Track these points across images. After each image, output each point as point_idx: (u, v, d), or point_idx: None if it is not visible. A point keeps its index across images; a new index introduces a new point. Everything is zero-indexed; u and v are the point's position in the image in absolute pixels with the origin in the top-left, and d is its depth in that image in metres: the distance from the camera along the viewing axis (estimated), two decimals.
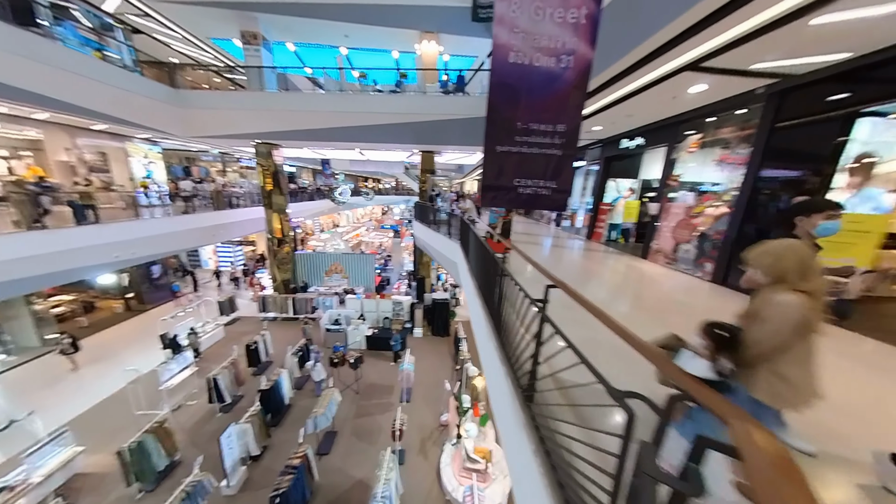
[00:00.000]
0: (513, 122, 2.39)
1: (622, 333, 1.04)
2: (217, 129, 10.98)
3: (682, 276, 5.62)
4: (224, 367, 7.77)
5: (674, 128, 6.09)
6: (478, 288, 3.94)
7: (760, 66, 3.59)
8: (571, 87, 2.34)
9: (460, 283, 6.17)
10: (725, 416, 0.67)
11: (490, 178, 2.49)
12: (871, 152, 3.63)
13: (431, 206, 10.49)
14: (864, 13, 2.49)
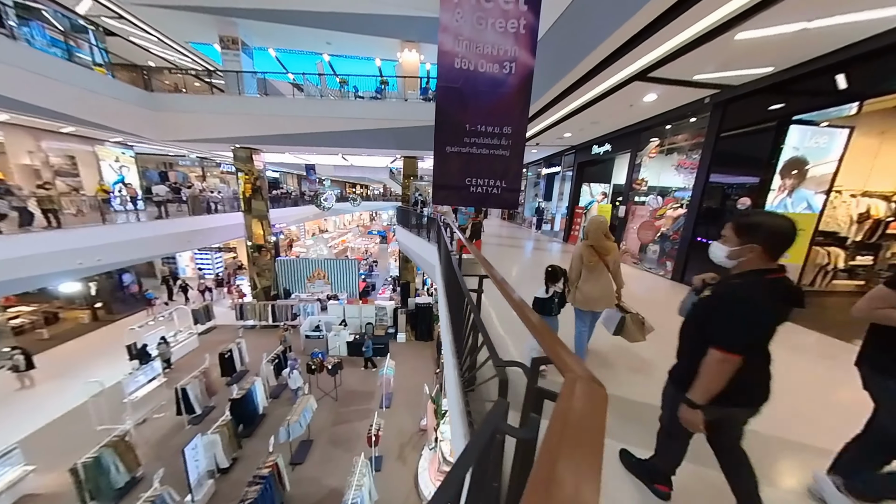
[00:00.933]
0: (461, 125, 2.50)
1: (516, 307, 1.12)
2: (193, 133, 10.79)
3: (646, 275, 5.86)
4: (194, 377, 7.49)
5: (636, 135, 6.43)
6: (444, 287, 4.01)
7: (702, 76, 3.89)
8: (515, 92, 2.48)
9: (437, 285, 6.23)
10: (563, 368, 0.76)
11: (441, 178, 2.59)
12: (801, 157, 3.96)
13: (413, 211, 10.57)
14: (776, 31, 2.76)
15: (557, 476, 0.44)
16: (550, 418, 0.58)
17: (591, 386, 0.69)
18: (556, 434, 0.53)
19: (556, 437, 0.53)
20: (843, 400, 2.32)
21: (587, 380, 0.71)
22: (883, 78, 3.02)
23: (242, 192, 12.88)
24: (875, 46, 2.89)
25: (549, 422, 0.57)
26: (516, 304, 1.21)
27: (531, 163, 13.64)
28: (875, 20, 2.57)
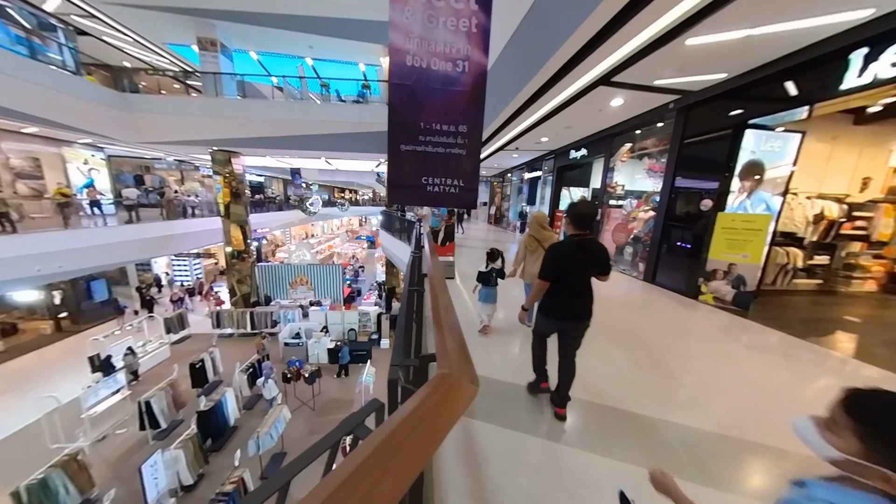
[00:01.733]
0: (415, 123, 2.46)
1: (438, 308, 1.08)
2: (167, 135, 10.48)
3: (620, 276, 5.93)
4: (160, 389, 7.10)
5: (609, 139, 6.58)
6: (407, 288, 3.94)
7: (661, 82, 4.00)
8: (469, 91, 2.47)
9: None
10: (440, 364, 0.71)
11: (396, 177, 2.54)
12: (757, 160, 4.11)
13: (396, 215, 10.49)
14: (723, 37, 2.87)
15: (346, 483, 0.38)
16: (388, 418, 0.52)
17: (458, 385, 0.64)
18: (377, 437, 0.47)
19: (376, 440, 0.47)
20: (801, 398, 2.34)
21: (456, 378, 0.65)
22: (828, 83, 3.16)
23: (222, 197, 12.54)
24: (819, 53, 3.03)
25: (385, 422, 0.51)
26: (440, 305, 1.16)
27: (514, 168, 13.81)
28: (813, 28, 2.70)
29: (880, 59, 2.65)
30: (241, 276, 13.23)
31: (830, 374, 2.59)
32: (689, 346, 2.97)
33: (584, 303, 2.01)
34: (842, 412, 0.67)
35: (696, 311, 4.13)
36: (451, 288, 4.50)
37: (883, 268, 5.06)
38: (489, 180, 17.95)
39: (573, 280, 2.00)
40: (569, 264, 2.01)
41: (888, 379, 2.56)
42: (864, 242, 4.97)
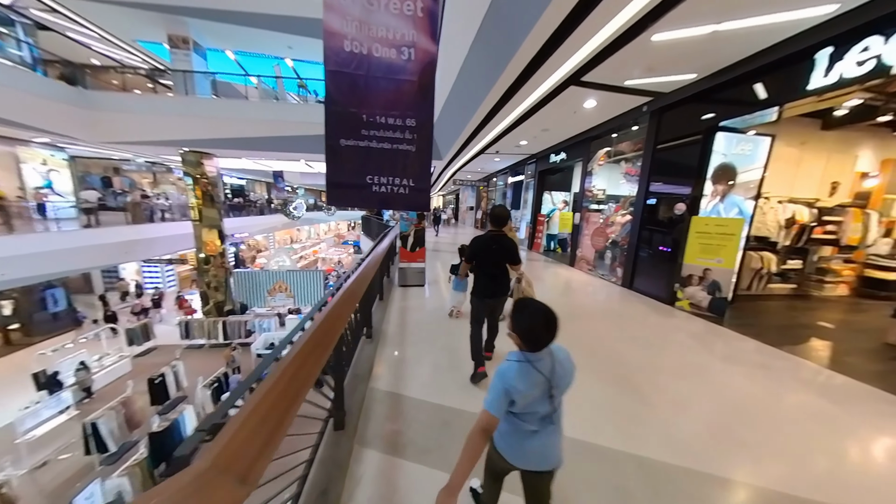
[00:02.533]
0: (357, 115, 2.22)
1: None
2: (133, 135, 9.93)
3: (598, 282, 5.80)
4: (110, 409, 6.50)
5: (587, 143, 6.51)
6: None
7: (632, 82, 3.90)
8: (417, 80, 2.25)
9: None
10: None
11: (336, 175, 2.28)
12: (729, 164, 4.04)
13: (376, 220, 10.19)
14: (689, 32, 2.75)
15: None
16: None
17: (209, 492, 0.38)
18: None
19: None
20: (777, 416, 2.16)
21: (210, 482, 0.39)
22: (795, 83, 3.10)
23: (193, 199, 11.96)
24: (785, 53, 2.96)
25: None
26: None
27: (499, 172, 13.75)
28: (777, 24, 2.61)
29: (845, 59, 2.58)
30: (216, 283, 12.58)
31: (805, 388, 2.44)
32: (662, 360, 2.78)
33: (499, 283, 2.51)
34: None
35: (672, 318, 3.98)
36: (417, 295, 4.38)
37: (853, 272, 5.08)
38: (475, 184, 17.88)
39: (489, 265, 2.51)
40: (484, 252, 2.51)
41: (862, 391, 2.43)
42: (835, 247, 4.99)
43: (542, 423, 1.03)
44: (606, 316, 3.97)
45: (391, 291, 4.54)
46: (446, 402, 2.01)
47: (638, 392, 2.25)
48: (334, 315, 1.51)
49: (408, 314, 3.64)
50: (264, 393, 0.82)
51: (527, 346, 1.04)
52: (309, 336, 1.19)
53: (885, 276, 5.07)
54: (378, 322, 3.26)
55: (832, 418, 2.08)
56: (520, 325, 1.04)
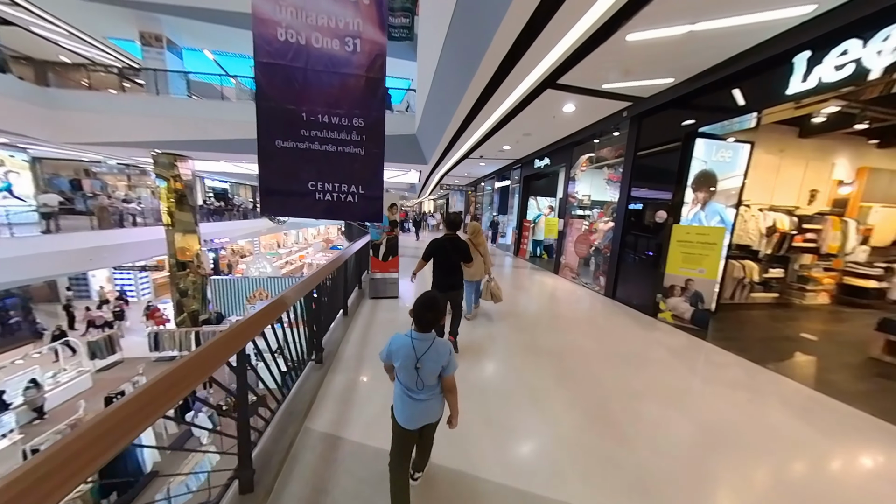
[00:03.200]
0: (295, 113, 1.96)
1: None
2: (99, 135, 9.41)
3: (581, 290, 5.62)
4: (57, 432, 5.94)
5: (569, 149, 6.39)
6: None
7: (610, 86, 3.77)
8: (365, 75, 2.01)
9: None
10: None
11: (271, 180, 2.00)
12: (709, 171, 3.93)
13: (359, 226, 9.85)
14: (664, 32, 2.61)
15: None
16: None
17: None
18: None
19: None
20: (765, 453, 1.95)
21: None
22: (774, 88, 3.00)
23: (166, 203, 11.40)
24: (763, 57, 2.86)
25: None
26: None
27: (486, 177, 13.63)
28: (755, 24, 2.49)
29: (824, 62, 2.47)
30: (193, 291, 11.98)
31: (792, 415, 2.25)
32: (641, 382, 2.57)
33: (454, 279, 2.93)
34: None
35: (654, 331, 3.81)
36: (390, 307, 4.03)
37: (833, 280, 5.04)
38: (464, 189, 17.74)
39: (444, 263, 2.87)
40: (439, 252, 2.86)
41: (850, 417, 2.25)
42: (815, 255, 4.94)
43: (413, 393, 1.32)
44: (587, 330, 3.76)
45: (360, 305, 4.24)
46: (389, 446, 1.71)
47: (613, 425, 2.01)
48: (217, 349, 1.21)
49: (373, 331, 3.34)
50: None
51: (415, 326, 1.33)
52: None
53: (863, 283, 5.05)
54: (335, 342, 2.95)
55: (822, 454, 1.89)
56: (412, 309, 1.33)
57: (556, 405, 2.22)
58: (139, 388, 0.96)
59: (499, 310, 4.39)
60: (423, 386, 1.29)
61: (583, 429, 1.97)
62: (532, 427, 2.01)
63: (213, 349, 1.20)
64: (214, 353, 1.21)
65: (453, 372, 1.33)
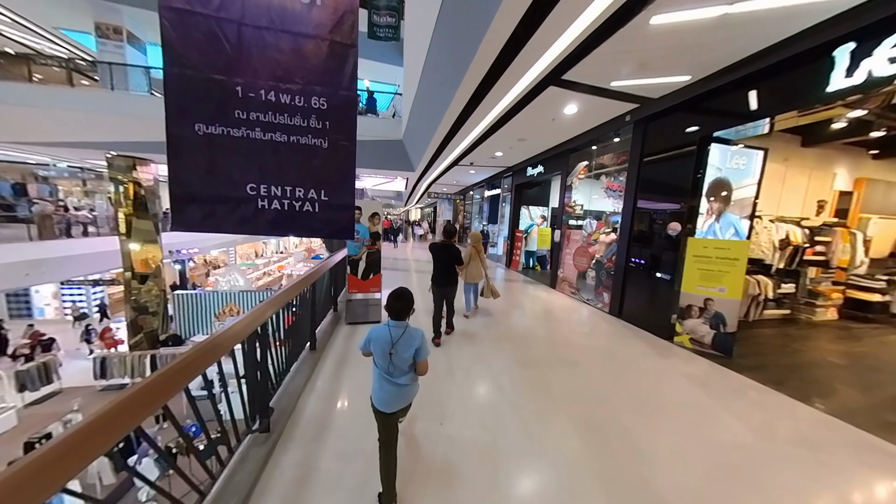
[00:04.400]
0: (226, 86, 1.37)
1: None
2: (45, 134, 8.34)
3: (583, 307, 5.17)
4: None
5: (565, 156, 6.06)
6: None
7: (619, 83, 3.40)
8: (328, 38, 1.45)
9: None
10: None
11: (190, 182, 1.39)
12: (724, 179, 3.60)
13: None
14: (696, 14, 2.23)
15: None
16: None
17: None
18: None
19: None
20: None
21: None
22: (789, 93, 2.73)
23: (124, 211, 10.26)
24: (782, 58, 2.57)
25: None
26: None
27: (475, 185, 13.27)
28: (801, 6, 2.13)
29: (875, 54, 2.14)
30: (154, 307, 10.72)
31: (863, 475, 1.80)
32: (664, 428, 2.09)
33: (449, 276, 3.49)
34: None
35: (671, 357, 3.36)
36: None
37: (841, 295, 4.84)
38: (452, 198, 17.34)
39: (438, 263, 3.47)
40: (436, 255, 3.52)
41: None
42: (820, 268, 4.73)
43: (392, 377, 1.47)
44: (602, 362, 3.25)
45: (334, 333, 3.57)
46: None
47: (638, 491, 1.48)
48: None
49: (348, 373, 2.68)
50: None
51: (389, 314, 1.51)
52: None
53: (868, 297, 4.87)
54: (292, 395, 2.28)
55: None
56: (386, 303, 1.54)
57: (570, 462, 1.67)
58: (70, 428, 0.82)
59: (499, 334, 3.85)
60: (397, 370, 1.46)
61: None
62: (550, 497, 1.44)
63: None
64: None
65: (426, 357, 1.52)
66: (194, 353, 1.28)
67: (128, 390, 1.02)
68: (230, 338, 1.49)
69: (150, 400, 1.06)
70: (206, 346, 1.35)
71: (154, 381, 1.08)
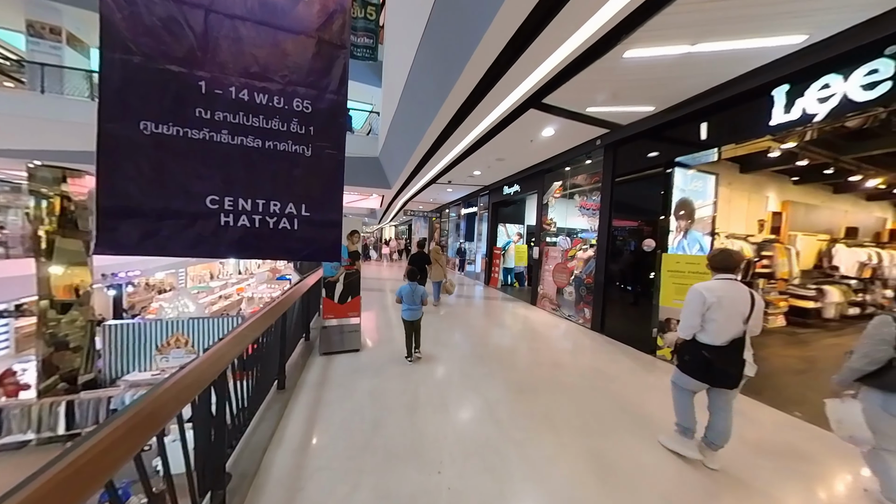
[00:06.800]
0: (187, 80, 1.15)
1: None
2: None
3: (564, 323, 5.19)
4: None
5: (541, 176, 6.31)
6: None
7: (593, 109, 3.62)
8: (316, 36, 1.30)
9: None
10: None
11: (124, 193, 1.11)
12: (688, 199, 3.90)
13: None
14: (662, 51, 2.43)
15: None
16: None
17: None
18: None
19: None
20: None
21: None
22: (737, 126, 3.09)
23: (46, 228, 8.78)
24: (729, 95, 2.91)
25: None
26: None
27: (451, 203, 13.41)
28: (748, 51, 2.42)
29: (806, 95, 2.47)
30: (77, 341, 8.98)
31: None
32: (654, 457, 2.02)
33: (420, 274, 4.44)
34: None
35: (655, 371, 3.40)
36: (349, 370, 2.72)
37: (787, 303, 5.38)
38: (427, 215, 17.34)
39: (417, 267, 3.99)
40: (415, 263, 5.20)
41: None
42: (769, 280, 5.24)
43: (411, 305, 3.30)
44: (587, 379, 3.19)
45: (306, 367, 3.15)
46: None
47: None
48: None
49: (322, 418, 2.30)
50: None
51: (409, 279, 3.41)
52: None
53: (806, 304, 5.46)
54: (255, 451, 1.86)
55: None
56: (405, 274, 3.53)
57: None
58: None
59: (485, 354, 3.68)
60: (413, 303, 3.28)
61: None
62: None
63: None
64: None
65: (426, 297, 3.46)
66: (116, 429, 0.89)
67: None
68: (176, 396, 1.13)
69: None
70: (136, 416, 0.96)
71: (57, 477, 0.73)
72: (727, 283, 1.92)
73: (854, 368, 1.66)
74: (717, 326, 1.83)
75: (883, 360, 1.57)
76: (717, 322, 1.83)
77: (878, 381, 1.60)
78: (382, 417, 2.32)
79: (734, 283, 1.93)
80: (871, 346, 1.61)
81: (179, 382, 1.12)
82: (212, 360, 1.34)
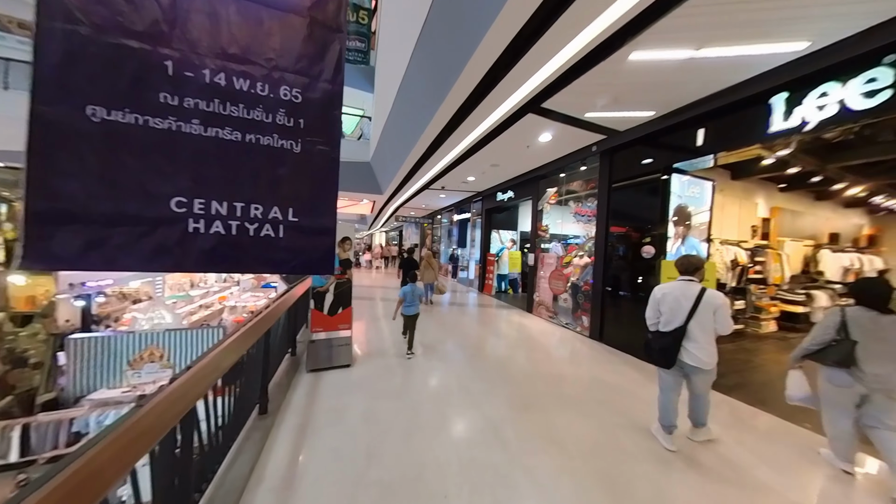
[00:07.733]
0: (148, 58, 0.96)
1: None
2: None
3: (560, 331, 5.07)
4: None
5: (535, 182, 6.27)
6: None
7: (592, 115, 3.57)
8: (308, 16, 1.14)
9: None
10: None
11: (63, 193, 0.91)
12: (685, 205, 3.89)
13: None
14: (666, 55, 2.39)
15: None
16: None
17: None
18: None
19: None
20: None
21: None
22: (731, 134, 3.09)
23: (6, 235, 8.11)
24: (728, 101, 2.91)
25: None
26: None
27: (443, 209, 13.29)
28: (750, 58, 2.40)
29: (804, 103, 2.47)
30: (37, 357, 8.22)
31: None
32: (695, 476, 1.89)
33: (411, 275, 4.08)
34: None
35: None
36: (338, 390, 2.46)
37: (778, 308, 5.45)
38: (419, 221, 17.15)
39: (408, 270, 4.85)
40: (405, 266, 6.23)
41: None
42: (761, 285, 5.31)
43: (409, 303, 3.75)
44: (592, 392, 3.05)
45: (291, 386, 2.88)
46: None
47: None
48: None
49: (310, 446, 2.04)
50: None
51: (408, 280, 3.90)
52: None
53: (795, 309, 5.55)
54: (231, 492, 1.56)
55: None
56: (401, 278, 5.03)
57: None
58: None
59: (483, 367, 3.50)
60: (413, 299, 3.75)
61: None
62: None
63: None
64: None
65: (422, 295, 4.85)
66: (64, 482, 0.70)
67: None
68: (121, 452, 0.89)
69: None
70: (88, 466, 0.76)
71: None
72: (679, 284, 2.30)
73: (802, 347, 2.11)
74: (665, 318, 2.25)
75: (825, 342, 1.99)
76: (664, 314, 2.26)
77: (820, 357, 2.02)
78: (377, 444, 2.09)
79: (687, 284, 2.27)
80: (820, 330, 2.03)
81: (130, 431, 0.89)
82: (174, 396, 1.11)
